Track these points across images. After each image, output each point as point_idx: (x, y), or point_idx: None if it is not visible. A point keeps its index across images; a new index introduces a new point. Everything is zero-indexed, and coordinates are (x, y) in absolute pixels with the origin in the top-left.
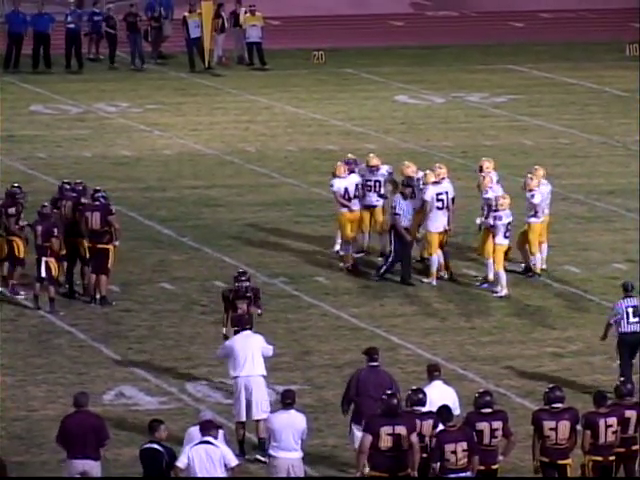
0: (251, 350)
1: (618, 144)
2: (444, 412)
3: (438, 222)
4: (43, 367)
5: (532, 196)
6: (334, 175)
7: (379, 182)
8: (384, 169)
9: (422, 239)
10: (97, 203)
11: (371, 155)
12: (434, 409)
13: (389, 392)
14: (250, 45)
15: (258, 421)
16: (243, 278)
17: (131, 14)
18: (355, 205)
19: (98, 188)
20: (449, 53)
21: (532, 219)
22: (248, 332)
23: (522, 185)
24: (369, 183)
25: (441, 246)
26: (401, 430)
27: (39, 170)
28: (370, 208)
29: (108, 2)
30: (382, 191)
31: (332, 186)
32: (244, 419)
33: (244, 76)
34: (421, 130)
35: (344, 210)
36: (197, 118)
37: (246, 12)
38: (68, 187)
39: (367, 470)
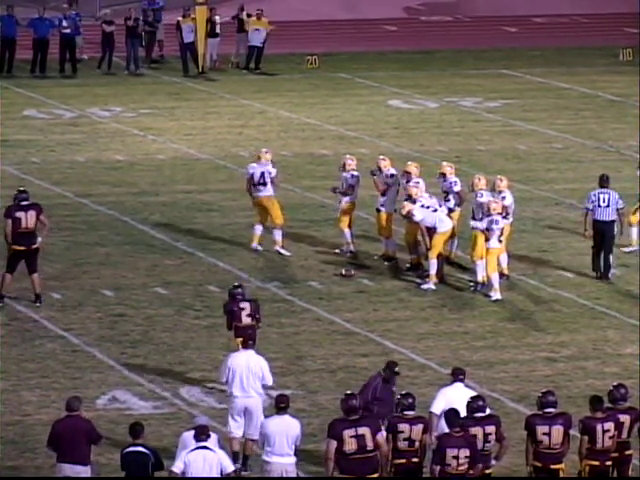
0: (252, 372)
1: (611, 149)
2: (451, 416)
3: (445, 222)
4: (36, 372)
5: (503, 197)
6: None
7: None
8: (392, 171)
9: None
10: (27, 203)
11: (380, 157)
12: (455, 408)
13: (348, 392)
14: (252, 49)
15: (247, 440)
16: (239, 290)
17: (130, 18)
18: (264, 191)
19: (22, 188)
20: (443, 58)
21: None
22: (251, 352)
23: (491, 186)
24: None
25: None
26: (364, 431)
27: (33, 175)
28: (377, 212)
29: (103, 6)
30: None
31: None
32: (240, 436)
33: (238, 81)
34: (414, 135)
35: (256, 194)
36: (191, 123)
37: (250, 16)
38: None
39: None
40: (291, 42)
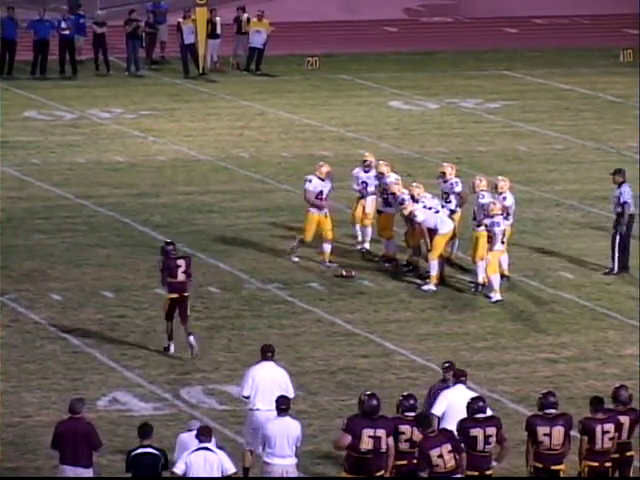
0: (277, 385)
1: (612, 150)
2: (422, 420)
3: (447, 223)
4: (37, 373)
5: (504, 198)
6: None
7: (384, 189)
8: (393, 177)
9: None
10: None
11: (381, 162)
12: (455, 412)
13: (368, 393)
14: (252, 50)
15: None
16: (171, 247)
17: (131, 20)
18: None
19: None
20: (443, 59)
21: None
22: (272, 363)
23: (492, 187)
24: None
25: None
26: (381, 433)
27: (33, 176)
28: (379, 213)
29: (101, 8)
30: (389, 199)
31: (310, 181)
32: (259, 451)
33: (238, 82)
34: (415, 136)
35: (313, 210)
36: (191, 124)
37: (249, 19)
38: None
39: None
40: (291, 43)
